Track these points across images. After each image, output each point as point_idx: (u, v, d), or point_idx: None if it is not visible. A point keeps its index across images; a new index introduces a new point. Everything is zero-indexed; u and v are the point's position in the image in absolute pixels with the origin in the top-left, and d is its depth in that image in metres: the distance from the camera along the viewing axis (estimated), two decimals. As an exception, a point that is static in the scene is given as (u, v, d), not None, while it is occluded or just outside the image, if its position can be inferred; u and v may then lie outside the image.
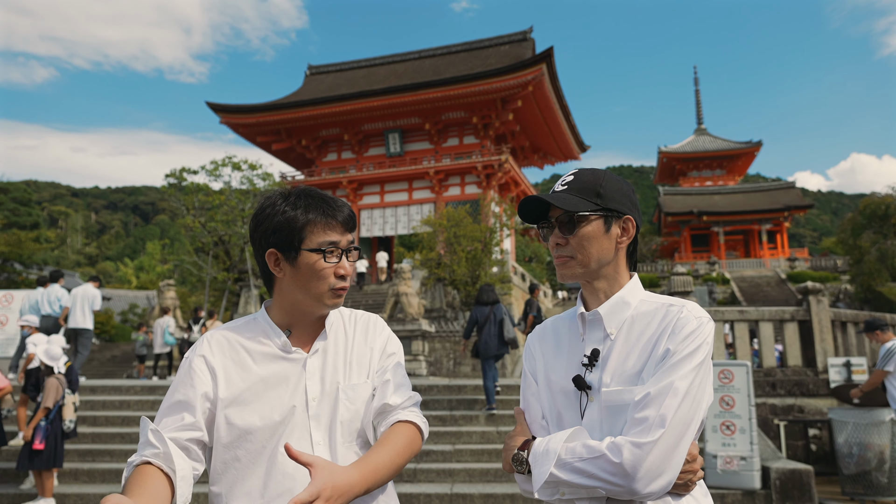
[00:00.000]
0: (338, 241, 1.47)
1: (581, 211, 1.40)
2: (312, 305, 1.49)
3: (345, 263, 1.48)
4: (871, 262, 27.64)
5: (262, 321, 1.53)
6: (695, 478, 1.33)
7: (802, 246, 64.05)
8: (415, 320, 15.20)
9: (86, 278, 13.74)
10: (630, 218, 1.44)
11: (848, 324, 10.35)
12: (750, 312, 10.25)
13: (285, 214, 1.46)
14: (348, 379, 1.51)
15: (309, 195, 1.51)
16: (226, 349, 1.48)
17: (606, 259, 1.43)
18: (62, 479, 7.47)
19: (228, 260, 23.53)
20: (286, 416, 1.43)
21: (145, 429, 1.34)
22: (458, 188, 31.62)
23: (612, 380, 1.35)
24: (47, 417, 6.76)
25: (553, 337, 1.53)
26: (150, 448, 1.31)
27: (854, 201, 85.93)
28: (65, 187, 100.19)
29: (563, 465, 1.28)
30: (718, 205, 47.06)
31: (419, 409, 1.58)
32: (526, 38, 34.31)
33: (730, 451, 6.87)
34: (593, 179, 1.44)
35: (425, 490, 6.83)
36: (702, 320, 1.34)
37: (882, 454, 7.12)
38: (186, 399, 1.40)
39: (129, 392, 9.99)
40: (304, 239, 1.45)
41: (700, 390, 1.30)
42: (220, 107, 33.22)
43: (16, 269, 27.20)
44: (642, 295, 1.45)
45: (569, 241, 1.42)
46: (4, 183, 41.49)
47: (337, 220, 1.48)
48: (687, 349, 1.30)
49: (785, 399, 9.51)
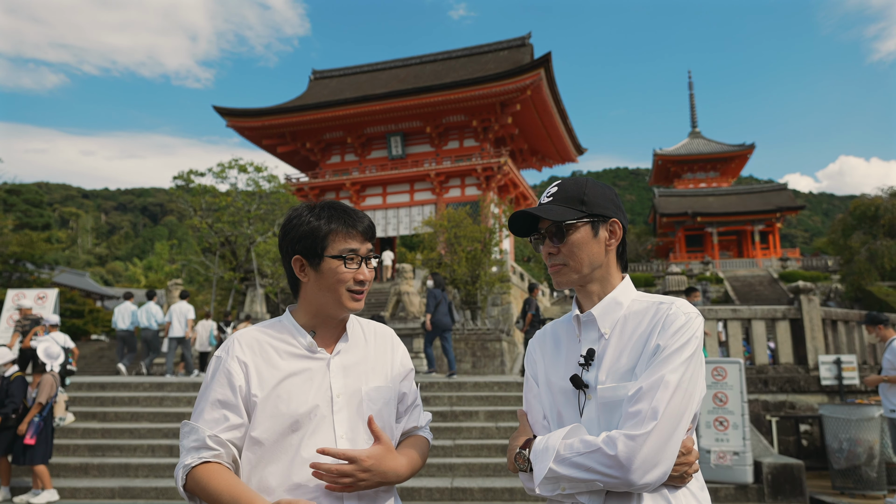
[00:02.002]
0: (357, 249, 1.55)
1: (568, 219, 1.42)
2: (334, 308, 1.56)
3: (364, 269, 1.56)
4: (860, 262, 27.63)
5: (288, 323, 1.60)
6: (690, 470, 1.33)
7: (794, 246, 63.97)
8: (416, 318, 15.21)
9: (177, 292, 16.10)
10: (616, 220, 1.46)
11: (838, 322, 10.35)
12: (743, 311, 10.25)
13: (310, 224, 1.55)
14: (370, 380, 1.59)
15: (332, 207, 1.59)
16: (255, 348, 1.54)
17: (598, 262, 1.45)
18: (73, 474, 7.48)
19: (235, 260, 23.52)
20: (311, 411, 1.49)
21: (197, 432, 1.44)
22: (459, 190, 31.62)
23: (608, 377, 1.37)
24: (41, 413, 6.77)
25: (552, 340, 1.56)
26: (208, 451, 1.42)
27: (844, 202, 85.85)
28: (75, 189, 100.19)
29: (562, 460, 1.29)
30: (712, 206, 47.02)
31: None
32: (524, 43, 34.30)
33: (723, 447, 6.87)
34: (576, 188, 1.47)
35: (426, 484, 6.83)
36: (690, 316, 1.36)
37: (871, 449, 7.12)
38: (226, 399, 1.47)
39: (137, 388, 9.99)
40: (327, 246, 1.53)
41: (691, 383, 1.31)
42: (227, 110, 33.23)
43: (28, 268, 27.20)
44: (634, 294, 1.46)
45: (560, 249, 1.44)
46: (17, 185, 41.44)
47: (357, 230, 1.56)
48: (676, 343, 1.32)
49: (777, 395, 9.50)
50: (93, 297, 41.84)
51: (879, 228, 28.58)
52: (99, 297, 44.45)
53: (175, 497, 6.87)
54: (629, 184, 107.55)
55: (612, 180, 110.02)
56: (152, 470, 7.43)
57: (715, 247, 46.67)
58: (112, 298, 46.02)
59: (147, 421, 8.82)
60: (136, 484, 7.03)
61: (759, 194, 48.27)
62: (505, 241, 30.34)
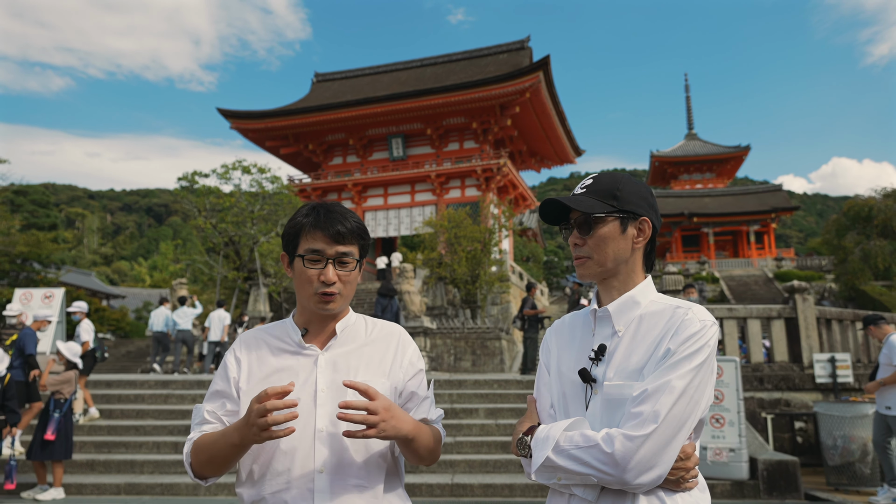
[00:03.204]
0: (321, 250, 1.52)
1: (597, 212, 1.40)
2: (309, 307, 1.56)
3: (328, 271, 1.52)
4: (854, 262, 27.62)
5: (288, 322, 1.64)
6: (687, 475, 1.31)
7: (789, 246, 63.91)
8: (417, 317, 15.23)
9: (207, 302, 17.00)
10: (646, 219, 1.44)
11: (832, 321, 10.34)
12: (739, 310, 10.25)
13: (293, 221, 1.57)
14: (360, 375, 1.55)
15: (318, 208, 1.58)
16: (252, 345, 1.61)
17: (622, 259, 1.43)
18: (79, 470, 7.48)
19: (238, 259, 23.54)
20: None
21: (200, 411, 1.56)
22: (459, 191, 31.62)
23: (615, 374, 1.36)
24: (61, 409, 6.75)
25: (568, 331, 1.54)
26: (208, 424, 1.53)
27: (838, 203, 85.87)
28: (81, 190, 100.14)
29: (560, 451, 1.29)
30: (708, 207, 47.00)
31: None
32: (523, 46, 34.30)
33: (719, 443, 6.87)
34: (611, 182, 1.45)
35: (427, 480, 6.83)
36: (705, 323, 1.33)
37: (865, 446, 7.12)
38: (222, 389, 1.57)
39: (143, 386, 10.00)
40: (298, 245, 1.55)
41: (698, 391, 1.29)
42: (231, 113, 33.23)
43: (35, 268, 27.20)
44: (653, 296, 1.44)
45: (586, 241, 1.43)
46: (24, 186, 41.40)
47: (322, 231, 1.52)
48: (688, 350, 1.30)
49: (772, 393, 9.50)
50: (99, 296, 41.85)
51: (873, 229, 28.55)
52: (105, 296, 44.48)
53: (180, 493, 6.87)
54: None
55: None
56: (157, 466, 7.44)
57: (711, 247, 46.66)
58: (117, 297, 46.05)
59: (152, 418, 8.82)
60: (141, 480, 7.03)
61: (755, 195, 48.25)
62: (504, 241, 30.35)
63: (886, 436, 6.48)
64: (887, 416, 6.38)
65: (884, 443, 6.49)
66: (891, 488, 6.42)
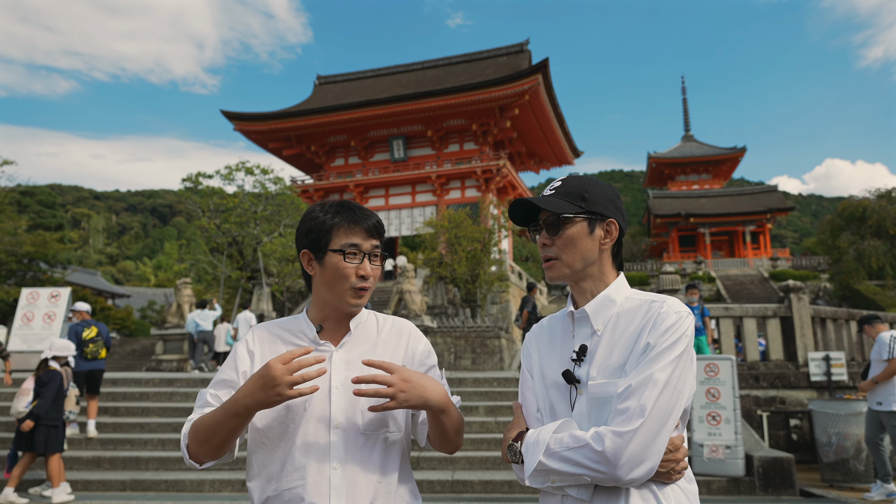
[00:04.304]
0: (359, 244, 1.54)
1: (566, 213, 1.41)
2: (338, 303, 1.56)
3: (366, 265, 1.54)
4: (849, 262, 27.64)
5: (301, 318, 1.63)
6: (677, 467, 1.31)
7: (784, 246, 63.92)
8: (417, 316, 15.24)
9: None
10: (613, 221, 1.44)
11: (827, 320, 10.34)
12: (735, 309, 10.25)
13: (317, 220, 1.56)
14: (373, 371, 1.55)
15: (341, 205, 1.59)
16: (265, 339, 1.60)
17: (590, 259, 1.43)
18: (86, 467, 7.48)
19: (242, 259, 23.57)
20: (305, 401, 1.48)
21: (202, 395, 1.55)
22: (459, 191, 31.63)
23: (598, 373, 1.36)
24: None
25: (547, 334, 1.54)
26: (209, 407, 1.50)
27: (832, 204, 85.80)
28: (87, 191, 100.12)
29: (552, 454, 1.29)
30: (704, 207, 47.00)
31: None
32: (522, 49, 34.31)
33: (715, 441, 6.88)
34: (579, 184, 1.46)
35: (428, 477, 6.84)
36: (681, 314, 1.34)
37: (859, 443, 7.12)
38: (230, 378, 1.55)
39: (148, 384, 10.00)
40: (330, 241, 1.54)
41: (680, 381, 1.29)
42: (234, 115, 33.24)
43: (41, 268, 27.21)
44: (627, 292, 1.45)
45: (554, 241, 1.43)
46: (30, 187, 41.43)
47: (360, 226, 1.54)
48: (666, 342, 1.30)
49: (767, 391, 9.50)
50: (104, 295, 41.84)
51: (867, 229, 28.56)
52: (110, 295, 44.46)
53: (185, 489, 6.87)
54: (624, 186, 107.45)
55: (607, 182, 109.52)
56: (162, 463, 7.44)
57: (707, 247, 46.66)
58: (122, 297, 46.04)
59: (157, 416, 8.83)
60: (146, 476, 7.03)
61: (750, 196, 48.24)
62: (504, 241, 30.35)
63: (878, 432, 6.49)
64: (879, 412, 6.39)
65: (876, 439, 6.50)
66: (884, 484, 6.43)
